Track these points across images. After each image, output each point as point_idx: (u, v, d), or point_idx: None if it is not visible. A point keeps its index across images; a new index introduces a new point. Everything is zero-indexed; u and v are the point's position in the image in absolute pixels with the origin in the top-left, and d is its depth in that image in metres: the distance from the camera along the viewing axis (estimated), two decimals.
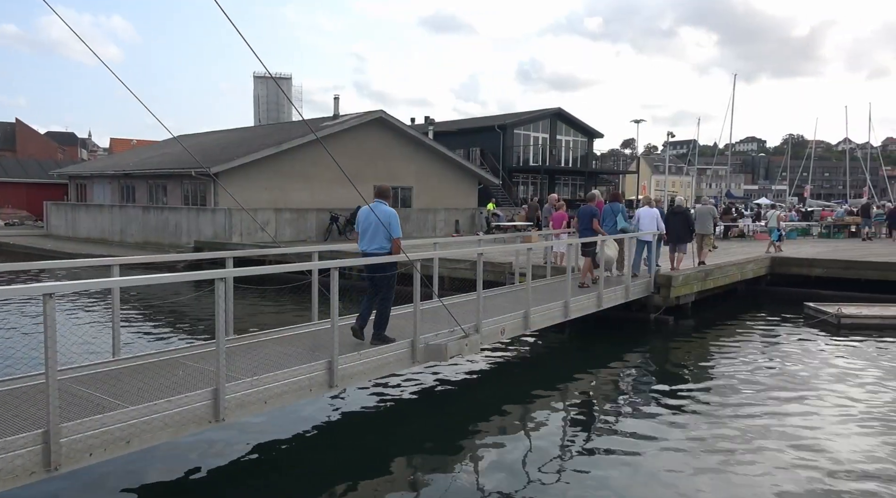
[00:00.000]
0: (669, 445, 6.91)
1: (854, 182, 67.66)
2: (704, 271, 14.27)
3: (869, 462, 6.45)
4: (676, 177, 78.34)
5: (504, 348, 11.00)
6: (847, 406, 8.24)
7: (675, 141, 79.09)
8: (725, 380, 9.51)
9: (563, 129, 44.45)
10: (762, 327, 13.67)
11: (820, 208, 41.38)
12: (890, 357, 10.78)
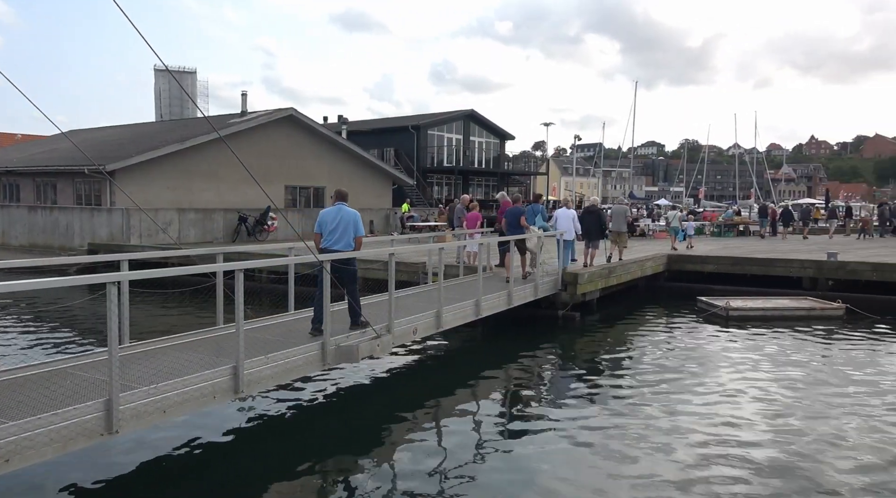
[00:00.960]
0: (580, 436, 7.18)
1: (743, 184, 72.81)
2: (608, 269, 14.93)
3: (756, 442, 6.98)
4: (584, 178, 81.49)
5: (417, 348, 11.04)
6: (736, 392, 8.87)
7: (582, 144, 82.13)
8: (628, 371, 10.00)
9: (477, 131, 45.15)
10: (660, 321, 14.49)
11: (702, 210, 44.22)
12: (772, 346, 11.71)
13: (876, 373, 9.84)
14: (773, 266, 17.52)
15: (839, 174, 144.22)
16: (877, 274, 16.10)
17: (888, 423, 7.58)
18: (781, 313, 14.00)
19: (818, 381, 9.43)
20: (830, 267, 16.67)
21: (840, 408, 8.18)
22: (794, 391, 8.92)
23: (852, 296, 15.03)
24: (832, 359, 10.82)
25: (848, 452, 6.71)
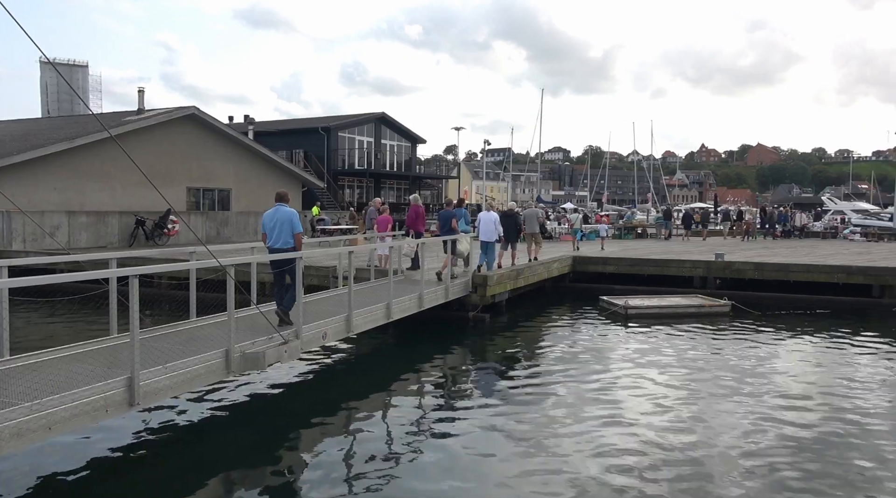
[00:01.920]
0: (490, 435, 7.34)
1: (641, 189, 76.84)
2: (516, 271, 15.36)
3: (653, 432, 7.41)
4: (494, 183, 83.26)
5: (328, 353, 10.90)
6: (634, 385, 9.37)
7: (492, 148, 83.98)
8: (535, 370, 10.34)
9: (388, 134, 45.06)
10: (566, 320, 15.07)
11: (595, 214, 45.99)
12: (666, 341, 12.47)
13: (757, 364, 10.71)
14: (667, 266, 18.65)
15: (727, 180, 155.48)
16: (758, 273, 17.52)
17: (770, 408, 8.27)
18: (674, 310, 14.93)
19: (708, 372, 10.13)
20: (718, 267, 17.96)
21: (727, 396, 8.83)
22: (686, 383, 9.54)
23: (737, 293, 16.26)
24: (720, 352, 11.66)
25: (737, 438, 7.26)
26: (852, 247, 25.64)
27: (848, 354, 11.54)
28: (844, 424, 7.72)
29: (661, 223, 33.67)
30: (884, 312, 15.40)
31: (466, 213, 15.08)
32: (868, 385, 9.49)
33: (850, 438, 7.24)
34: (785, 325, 13.94)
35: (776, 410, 8.19)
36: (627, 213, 40.83)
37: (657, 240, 30.60)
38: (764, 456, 6.73)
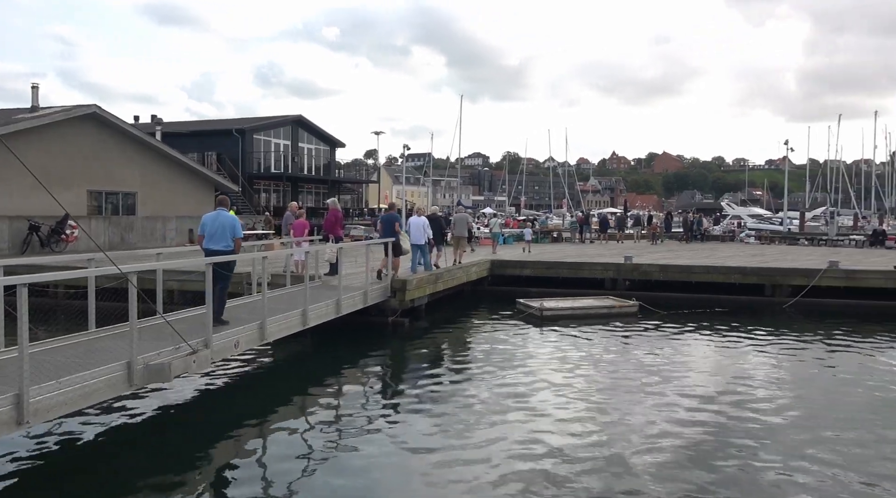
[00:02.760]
0: (409, 439, 7.32)
1: (557, 194, 79.32)
2: (435, 275, 15.45)
3: (569, 429, 7.64)
4: (414, 187, 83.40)
5: (241, 362, 10.54)
6: (549, 384, 9.63)
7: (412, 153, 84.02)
8: (454, 372, 10.43)
9: (305, 137, 44.24)
10: (484, 323, 15.32)
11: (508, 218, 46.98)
12: (579, 341, 12.90)
13: (663, 361, 11.27)
14: (580, 269, 19.33)
15: (636, 186, 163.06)
16: (663, 274, 18.47)
17: (675, 402, 8.73)
18: (587, 311, 15.49)
19: (617, 370, 10.57)
20: (627, 269, 18.79)
21: (635, 393, 9.24)
22: (597, 381, 9.92)
23: (645, 294, 17.07)
24: (629, 351, 12.19)
25: (644, 433, 7.60)
26: (748, 249, 27.52)
27: (744, 350, 12.37)
28: (743, 419, 8.25)
29: (575, 227, 34.89)
30: (775, 309, 16.60)
31: (399, 217, 15.61)
32: (761, 378, 10.21)
33: (748, 431, 7.75)
34: (688, 323, 14.76)
35: (681, 405, 8.65)
36: (542, 218, 42.01)
37: (571, 243, 31.66)
38: (669, 450, 7.09)
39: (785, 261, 20.46)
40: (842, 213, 45.64)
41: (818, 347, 12.64)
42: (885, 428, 7.78)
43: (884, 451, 7.03)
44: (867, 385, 9.89)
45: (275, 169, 40.94)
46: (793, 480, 6.27)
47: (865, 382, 10.04)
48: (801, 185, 61.55)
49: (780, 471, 6.48)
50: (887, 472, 6.46)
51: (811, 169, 56.93)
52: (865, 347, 12.59)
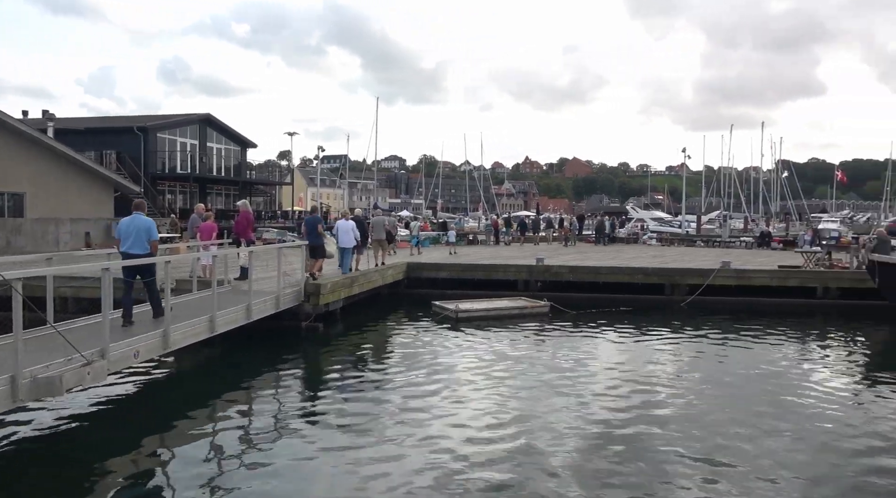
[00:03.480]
0: (323, 445, 7.20)
1: (473, 197, 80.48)
2: (350, 278, 15.30)
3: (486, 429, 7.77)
4: (330, 190, 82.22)
5: (143, 373, 10.00)
6: (464, 384, 9.77)
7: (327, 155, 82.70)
8: (368, 375, 10.36)
9: (214, 137, 42.60)
10: (400, 326, 15.32)
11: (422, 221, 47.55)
12: (492, 341, 13.16)
13: (573, 358, 11.69)
14: (495, 271, 19.73)
15: (548, 190, 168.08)
16: (573, 275, 19.16)
17: (584, 399, 9.07)
18: (501, 312, 15.83)
19: (530, 369, 10.86)
20: (539, 270, 19.35)
21: (547, 390, 9.53)
22: (509, 380, 10.14)
23: (556, 294, 17.64)
24: (540, 350, 12.56)
25: (557, 429, 7.85)
26: (650, 251, 29.02)
27: (646, 346, 13.05)
28: (647, 411, 8.70)
29: (489, 230, 35.56)
30: (674, 307, 17.60)
31: (321, 219, 15.64)
32: (663, 373, 10.81)
33: (652, 422, 8.18)
34: (595, 322, 15.39)
35: (589, 401, 9.02)
36: (457, 220, 42.61)
37: (486, 245, 32.23)
38: (579, 446, 7.37)
39: (683, 261, 21.73)
40: (734, 217, 49.04)
41: (713, 342, 13.52)
42: (776, 419, 8.43)
43: (772, 436, 7.63)
44: (756, 377, 10.68)
45: (181, 169, 39.14)
46: (699, 469, 6.69)
47: (755, 374, 10.85)
48: (698, 190, 65.69)
49: (686, 462, 6.88)
50: (778, 459, 7.01)
51: (707, 175, 60.92)
52: (754, 341, 13.58)
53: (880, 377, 10.94)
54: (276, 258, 12.83)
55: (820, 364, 12.02)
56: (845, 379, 10.82)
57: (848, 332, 15.20)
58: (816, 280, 18.12)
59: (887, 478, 6.49)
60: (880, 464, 6.87)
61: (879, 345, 14.51)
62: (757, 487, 6.21)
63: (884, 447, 7.33)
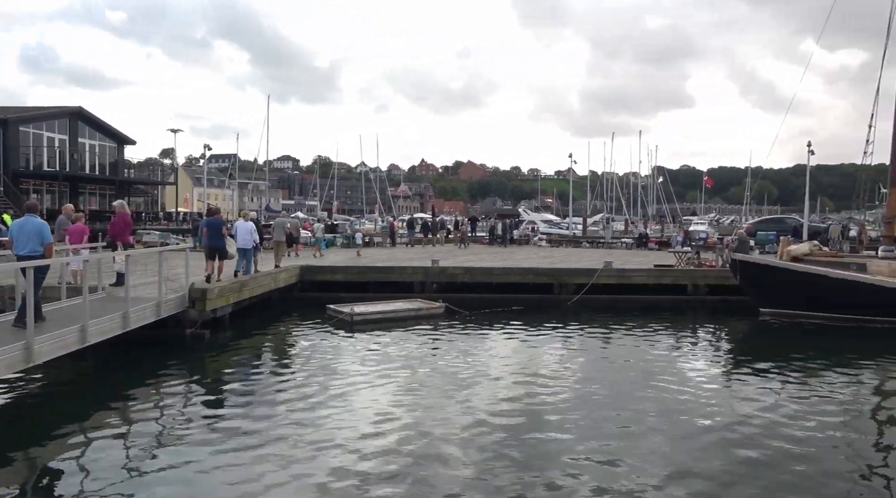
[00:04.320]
0: (208, 458, 6.87)
1: (369, 199, 79.97)
2: (239, 283, 14.72)
3: (380, 434, 7.73)
4: (218, 190, 78.65)
5: (7, 389, 9.07)
6: (358, 388, 9.67)
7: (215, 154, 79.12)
8: (260, 383, 10.03)
9: (87, 132, 39.51)
10: (293, 331, 14.94)
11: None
12: (388, 344, 13.16)
13: (467, 358, 11.93)
14: (391, 273, 19.73)
15: (444, 193, 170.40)
16: (468, 276, 19.55)
17: (478, 398, 9.28)
18: (396, 315, 15.85)
19: (425, 369, 10.96)
20: (434, 272, 19.56)
21: (443, 389, 9.67)
22: (404, 381, 10.18)
23: (451, 296, 17.91)
24: (435, 350, 12.71)
25: (454, 429, 7.97)
26: (540, 252, 30.19)
27: (537, 344, 13.57)
28: (539, 406, 9.05)
29: (386, 231, 35.51)
30: (561, 306, 18.41)
31: (223, 221, 15.48)
32: (552, 369, 11.29)
33: (543, 415, 8.51)
34: (488, 321, 15.80)
35: (484, 399, 9.24)
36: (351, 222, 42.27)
37: (383, 247, 32.14)
38: (476, 443, 7.53)
39: (570, 262, 22.80)
40: (616, 219, 52.18)
41: (598, 338, 14.29)
42: (654, 408, 9.05)
43: (650, 424, 8.19)
44: (636, 369, 11.42)
45: (49, 166, 35.99)
46: (588, 460, 7.04)
47: (635, 367, 11.60)
48: (584, 193, 69.14)
49: (575, 453, 7.23)
50: (656, 447, 7.53)
51: (591, 179, 64.33)
52: (634, 336, 14.51)
53: (742, 363, 12.09)
54: (158, 262, 12.10)
55: (690, 355, 13.03)
56: (712, 368, 11.82)
57: (714, 325, 16.62)
58: (687, 278, 19.65)
59: (748, 451, 7.17)
60: (742, 443, 7.56)
61: (740, 335, 15.98)
62: (641, 474, 6.65)
63: (746, 431, 8.07)
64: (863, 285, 15.86)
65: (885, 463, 7.24)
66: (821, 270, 16.42)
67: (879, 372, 11.72)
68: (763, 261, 17.71)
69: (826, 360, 12.24)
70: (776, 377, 10.92)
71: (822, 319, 15.96)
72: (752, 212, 76.78)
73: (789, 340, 14.82)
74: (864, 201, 21.08)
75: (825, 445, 7.59)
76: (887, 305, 15.50)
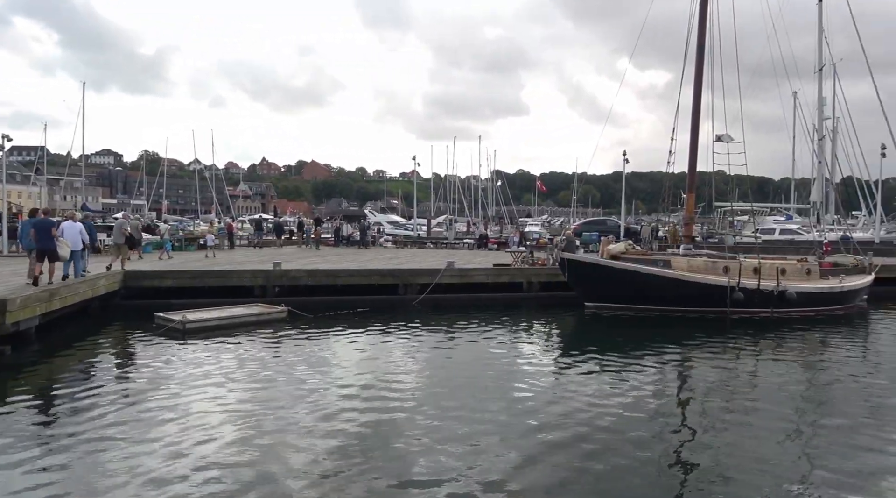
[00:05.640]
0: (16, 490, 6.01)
1: (204, 199, 75.07)
2: (49, 291, 13.10)
3: (221, 450, 7.26)
4: (22, 187, 69.30)
5: None
6: (192, 399, 9.03)
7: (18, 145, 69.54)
8: (74, 403, 8.96)
9: None
10: (114, 342, 13.62)
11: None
12: (226, 352, 12.45)
13: (311, 363, 11.65)
14: (229, 277, 18.70)
15: (286, 193, 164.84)
16: (311, 279, 19.12)
17: (325, 403, 9.08)
18: (234, 321, 15.06)
19: (268, 377, 10.52)
20: (276, 275, 18.88)
21: (288, 396, 9.33)
22: (247, 390, 9.70)
23: (295, 299, 17.41)
24: (278, 356, 12.25)
25: (301, 435, 7.72)
26: (386, 253, 30.40)
27: (384, 345, 13.62)
28: (387, 407, 9.07)
29: (224, 233, 33.59)
30: (407, 306, 18.70)
31: (53, 221, 14.71)
32: (399, 369, 11.39)
33: (393, 414, 8.54)
34: (333, 325, 15.56)
35: (332, 404, 9.07)
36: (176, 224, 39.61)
37: (221, 250, 30.36)
38: (326, 449, 7.37)
39: (414, 262, 23.22)
40: (458, 220, 53.97)
41: (441, 336, 14.68)
42: (496, 401, 9.49)
43: (494, 416, 8.58)
44: (479, 364, 11.91)
45: None
46: (437, 456, 7.18)
47: (478, 362, 12.08)
48: (428, 195, 70.73)
49: (424, 451, 7.34)
50: (501, 436, 7.89)
51: (435, 182, 66.03)
52: (475, 333, 15.12)
53: (569, 353, 13.12)
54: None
55: (525, 349, 13.84)
56: (544, 359, 12.69)
57: (546, 319, 17.85)
58: (522, 276, 20.89)
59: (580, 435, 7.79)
60: (572, 428, 8.20)
61: (569, 328, 17.32)
62: (485, 466, 6.93)
63: (576, 415, 8.76)
64: (667, 280, 17.93)
65: (689, 438, 8.25)
66: (634, 266, 18.30)
67: (680, 357, 13.32)
68: (586, 259, 19.33)
69: (639, 348, 13.68)
70: (597, 365, 11.99)
71: (637, 311, 17.80)
72: (579, 214, 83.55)
73: (608, 331, 16.33)
74: (668, 205, 23.81)
75: (639, 425, 8.47)
76: (687, 297, 17.67)
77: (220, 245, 32.25)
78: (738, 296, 17.29)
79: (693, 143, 21.25)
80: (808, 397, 10.18)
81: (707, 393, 10.39)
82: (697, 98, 21.11)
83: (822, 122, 32.85)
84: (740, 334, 15.32)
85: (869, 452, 7.50)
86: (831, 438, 8.10)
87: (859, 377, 11.37)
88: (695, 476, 6.86)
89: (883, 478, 6.83)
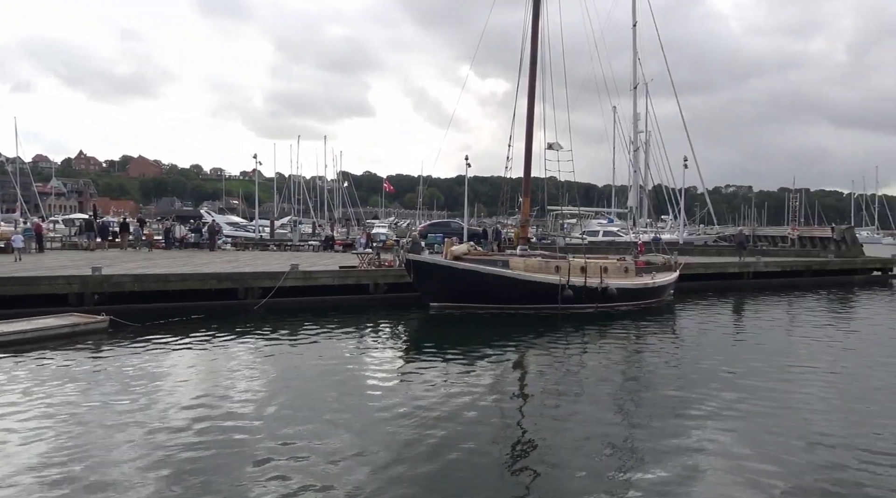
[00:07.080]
0: None
1: (7, 197, 65.94)
2: None
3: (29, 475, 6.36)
4: None
5: None
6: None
7: None
8: None
9: None
10: None
11: None
12: (33, 371, 11.01)
13: (140, 377, 10.66)
14: (37, 284, 16.57)
15: (109, 190, 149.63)
16: (138, 285, 17.52)
17: (157, 422, 8.33)
18: (44, 333, 13.36)
19: (89, 396, 9.45)
20: (96, 281, 17.06)
21: (112, 417, 8.44)
22: (63, 414, 8.65)
23: (118, 307, 15.84)
24: (99, 371, 11.07)
25: (122, 475, 6.98)
26: (225, 255, 28.73)
27: (222, 353, 12.85)
28: (224, 432, 8.53)
29: (30, 235, 29.72)
30: (248, 311, 17.83)
31: None
32: (239, 378, 10.81)
33: (230, 431, 8.05)
34: (164, 333, 14.39)
35: (165, 423, 8.37)
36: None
37: (27, 253, 26.80)
38: (152, 480, 6.76)
39: (256, 265, 22.21)
40: (303, 222, 52.60)
41: (286, 341, 14.18)
42: (343, 405, 9.33)
43: (340, 421, 8.44)
44: (325, 369, 11.66)
45: None
46: (281, 463, 6.87)
47: (323, 367, 11.82)
48: (271, 195, 68.08)
49: (268, 462, 6.99)
50: (353, 434, 7.76)
51: (278, 182, 63.76)
52: (321, 337, 14.81)
53: (415, 356, 13.33)
54: None
55: (372, 350, 13.83)
56: (393, 360, 12.77)
57: (392, 320, 17.97)
58: (369, 278, 20.86)
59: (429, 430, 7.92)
60: (422, 423, 8.33)
61: (414, 328, 17.59)
62: (334, 468, 6.79)
63: (422, 413, 8.91)
64: (506, 279, 18.91)
65: (533, 426, 8.76)
66: (475, 266, 19.07)
67: (517, 352, 14.10)
68: (431, 260, 19.77)
69: (480, 345, 14.28)
70: (441, 363, 12.31)
71: (478, 309, 18.56)
72: (425, 216, 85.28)
73: (451, 330, 16.84)
74: (507, 208, 25.12)
75: (480, 421, 8.84)
76: (523, 295, 18.77)
77: (28, 248, 28.52)
78: (568, 293, 18.68)
79: (527, 150, 22.59)
80: (628, 382, 11.31)
81: (543, 384, 11.12)
82: (531, 108, 22.49)
83: (636, 134, 36.75)
84: (571, 329, 16.58)
85: (679, 427, 8.48)
86: (648, 414, 9.06)
87: (671, 363, 12.84)
88: (531, 461, 7.30)
89: (686, 454, 7.76)
